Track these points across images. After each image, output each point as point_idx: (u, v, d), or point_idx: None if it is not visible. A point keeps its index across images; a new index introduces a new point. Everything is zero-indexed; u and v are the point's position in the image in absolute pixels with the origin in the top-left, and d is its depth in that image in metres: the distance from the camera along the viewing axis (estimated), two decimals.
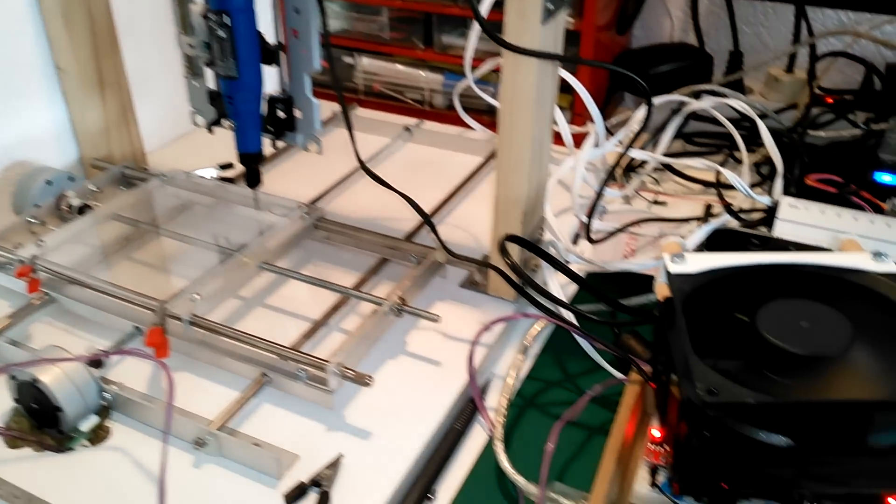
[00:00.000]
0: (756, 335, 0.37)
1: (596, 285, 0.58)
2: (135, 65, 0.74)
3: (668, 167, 0.79)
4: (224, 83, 0.54)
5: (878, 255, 0.41)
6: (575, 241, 0.69)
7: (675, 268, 0.42)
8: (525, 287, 0.53)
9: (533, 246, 0.54)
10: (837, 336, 0.36)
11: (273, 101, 0.56)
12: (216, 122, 0.58)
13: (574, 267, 0.62)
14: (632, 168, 0.80)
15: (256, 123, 0.55)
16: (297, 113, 0.57)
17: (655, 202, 0.76)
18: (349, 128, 0.57)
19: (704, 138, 0.84)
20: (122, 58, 0.72)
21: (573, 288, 0.62)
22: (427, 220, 0.60)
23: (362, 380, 0.47)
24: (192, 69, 0.57)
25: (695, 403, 0.35)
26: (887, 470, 0.37)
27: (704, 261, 0.42)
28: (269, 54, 0.53)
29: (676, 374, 0.38)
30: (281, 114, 0.57)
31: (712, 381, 0.35)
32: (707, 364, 0.36)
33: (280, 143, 0.59)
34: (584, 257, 0.64)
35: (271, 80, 0.57)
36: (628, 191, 0.76)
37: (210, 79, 0.58)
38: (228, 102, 0.54)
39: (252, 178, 0.58)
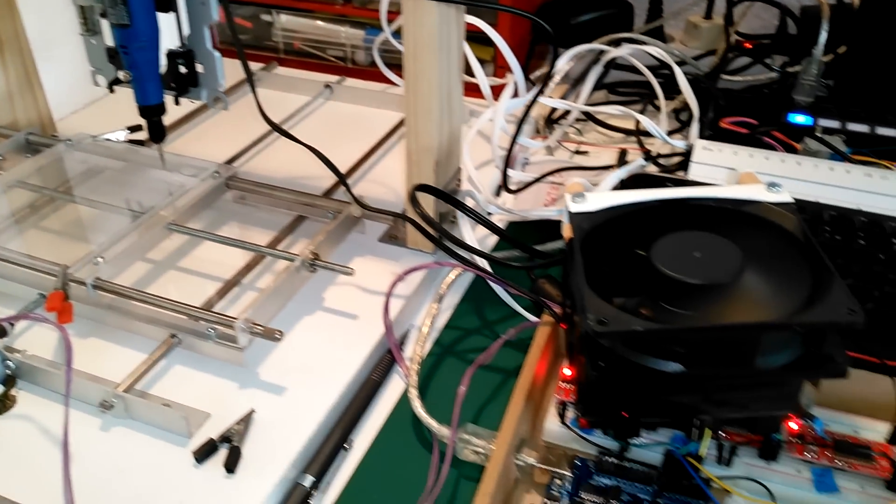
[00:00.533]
0: (651, 268, 0.38)
1: (517, 235, 0.58)
2: (36, 27, 0.71)
3: (589, 116, 0.79)
4: (118, 33, 0.52)
5: (772, 185, 0.41)
6: (498, 192, 0.69)
7: (576, 207, 0.42)
8: (440, 237, 0.53)
9: (444, 194, 0.54)
10: (728, 264, 0.37)
11: (173, 55, 0.54)
12: (117, 81, 0.56)
13: (495, 218, 0.62)
14: (554, 120, 0.80)
15: (155, 74, 0.53)
16: (199, 67, 0.55)
17: (578, 152, 0.77)
18: (249, 80, 0.56)
19: (627, 87, 0.84)
20: (20, 19, 0.69)
21: (495, 239, 0.62)
22: (337, 173, 0.59)
23: (272, 335, 0.47)
24: (88, 25, 0.55)
25: (589, 335, 0.35)
26: (779, 392, 0.38)
27: (604, 199, 0.42)
28: (164, 0, 0.51)
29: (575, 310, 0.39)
30: (182, 69, 0.55)
31: (604, 311, 0.35)
32: (617, 303, 0.36)
33: (193, 104, 0.56)
34: (504, 207, 0.64)
35: (171, 35, 0.55)
36: (551, 141, 0.76)
37: (108, 36, 0.55)
38: (124, 53, 0.52)
39: (155, 133, 0.56)
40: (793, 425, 0.43)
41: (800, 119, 0.71)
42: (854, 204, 0.61)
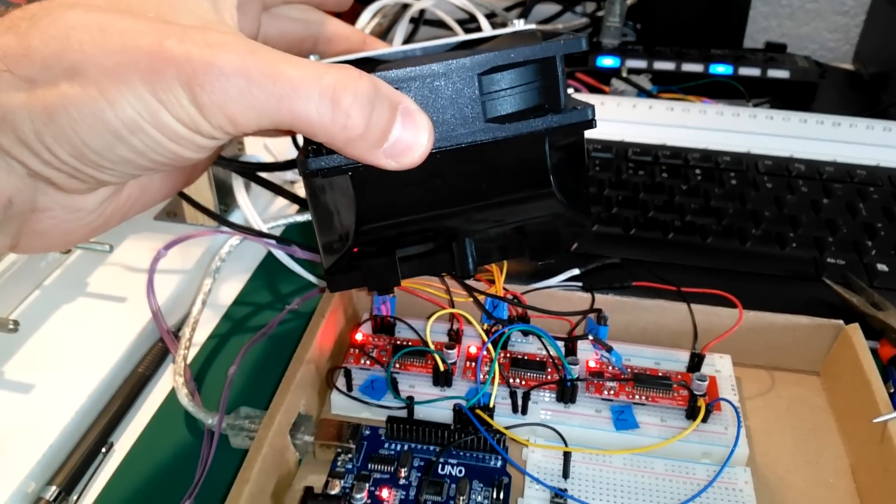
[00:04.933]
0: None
1: None
2: None
3: None
4: None
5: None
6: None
7: None
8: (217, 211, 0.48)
9: None
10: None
11: None
12: None
13: (299, 186, 0.58)
14: None
15: None
16: None
17: None
18: None
19: None
20: None
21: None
22: None
23: (5, 325, 0.40)
24: None
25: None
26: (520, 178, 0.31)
27: (344, 59, 0.37)
28: None
29: None
30: None
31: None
32: None
33: None
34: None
35: None
36: None
37: None
38: None
39: None
40: (591, 363, 0.41)
41: (607, 62, 0.70)
42: (658, 139, 0.60)
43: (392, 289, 0.37)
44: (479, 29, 0.71)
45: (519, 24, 0.33)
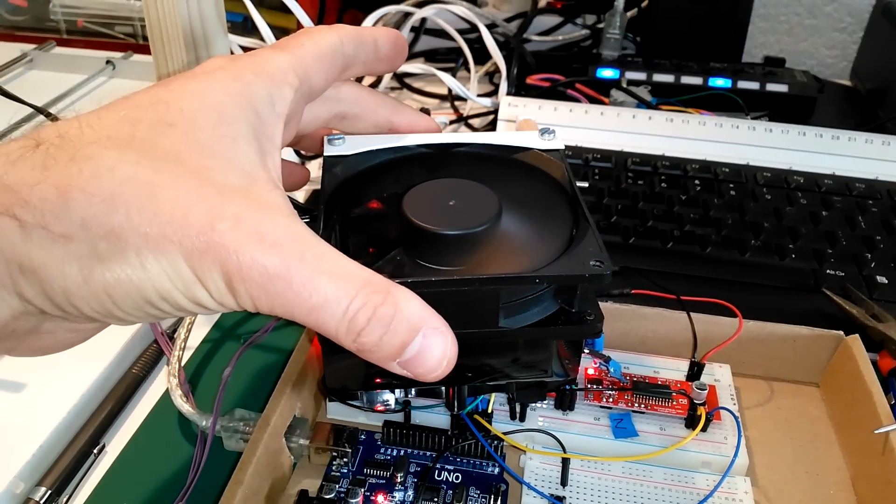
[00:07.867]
0: (403, 218, 0.33)
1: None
2: None
3: (402, 83, 0.75)
4: None
5: (544, 131, 0.38)
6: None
7: (331, 149, 0.37)
8: None
9: None
10: (484, 212, 0.33)
11: None
12: None
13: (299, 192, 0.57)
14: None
15: None
16: None
17: None
18: None
19: (444, 55, 0.81)
20: None
21: None
22: None
23: None
24: None
25: None
26: (535, 355, 0.34)
27: (363, 142, 0.37)
28: None
29: None
30: None
31: None
32: (376, 266, 0.31)
33: None
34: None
35: None
36: None
37: None
38: None
39: None
40: (589, 370, 0.41)
41: (607, 73, 0.71)
42: (657, 150, 0.60)
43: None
44: (480, 40, 0.72)
45: (548, 139, 0.37)
